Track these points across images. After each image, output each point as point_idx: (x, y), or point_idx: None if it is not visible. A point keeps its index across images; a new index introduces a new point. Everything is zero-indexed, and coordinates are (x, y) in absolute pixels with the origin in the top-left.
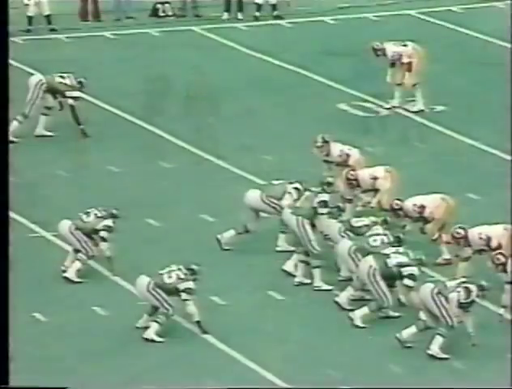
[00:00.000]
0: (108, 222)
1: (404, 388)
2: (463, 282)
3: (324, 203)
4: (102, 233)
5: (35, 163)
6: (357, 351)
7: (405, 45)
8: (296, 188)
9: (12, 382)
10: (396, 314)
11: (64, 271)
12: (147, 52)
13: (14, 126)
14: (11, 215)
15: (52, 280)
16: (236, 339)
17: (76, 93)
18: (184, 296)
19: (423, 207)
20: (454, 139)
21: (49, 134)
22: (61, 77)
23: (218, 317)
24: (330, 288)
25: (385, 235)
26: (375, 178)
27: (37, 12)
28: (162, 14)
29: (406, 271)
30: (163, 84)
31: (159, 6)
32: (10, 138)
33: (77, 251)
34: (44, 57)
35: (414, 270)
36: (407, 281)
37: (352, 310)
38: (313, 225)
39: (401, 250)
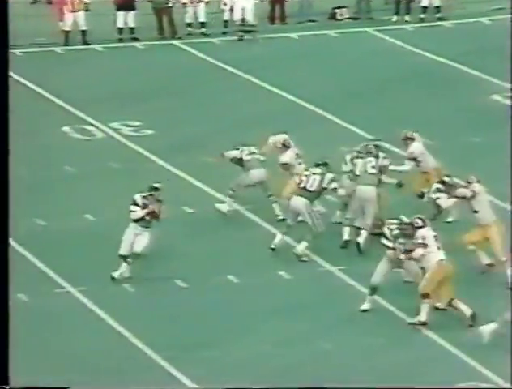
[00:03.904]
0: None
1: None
2: None
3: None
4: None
5: None
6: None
7: None
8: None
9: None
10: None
11: None
12: (325, 50)
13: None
14: None
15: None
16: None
17: None
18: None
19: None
20: None
21: None
22: None
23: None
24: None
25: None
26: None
27: (239, 18)
28: (339, 18)
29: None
30: (334, 78)
31: (336, 10)
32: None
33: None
34: (240, 55)
35: None
36: None
37: None
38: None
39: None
